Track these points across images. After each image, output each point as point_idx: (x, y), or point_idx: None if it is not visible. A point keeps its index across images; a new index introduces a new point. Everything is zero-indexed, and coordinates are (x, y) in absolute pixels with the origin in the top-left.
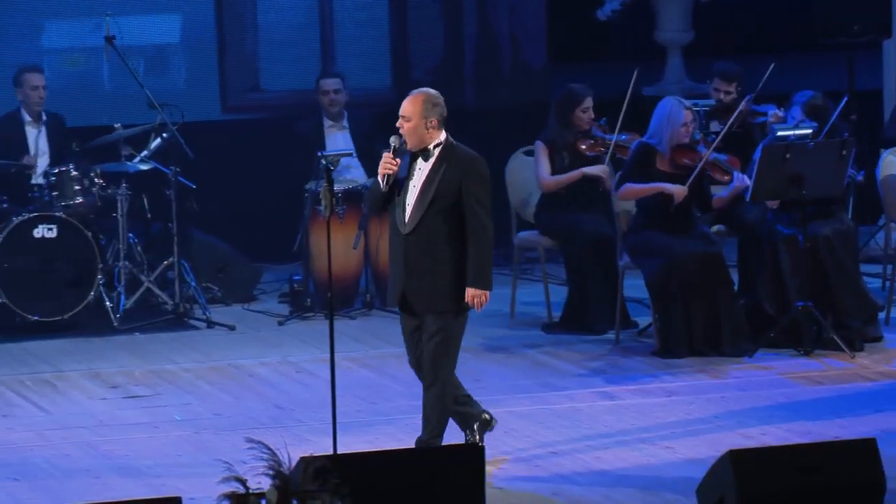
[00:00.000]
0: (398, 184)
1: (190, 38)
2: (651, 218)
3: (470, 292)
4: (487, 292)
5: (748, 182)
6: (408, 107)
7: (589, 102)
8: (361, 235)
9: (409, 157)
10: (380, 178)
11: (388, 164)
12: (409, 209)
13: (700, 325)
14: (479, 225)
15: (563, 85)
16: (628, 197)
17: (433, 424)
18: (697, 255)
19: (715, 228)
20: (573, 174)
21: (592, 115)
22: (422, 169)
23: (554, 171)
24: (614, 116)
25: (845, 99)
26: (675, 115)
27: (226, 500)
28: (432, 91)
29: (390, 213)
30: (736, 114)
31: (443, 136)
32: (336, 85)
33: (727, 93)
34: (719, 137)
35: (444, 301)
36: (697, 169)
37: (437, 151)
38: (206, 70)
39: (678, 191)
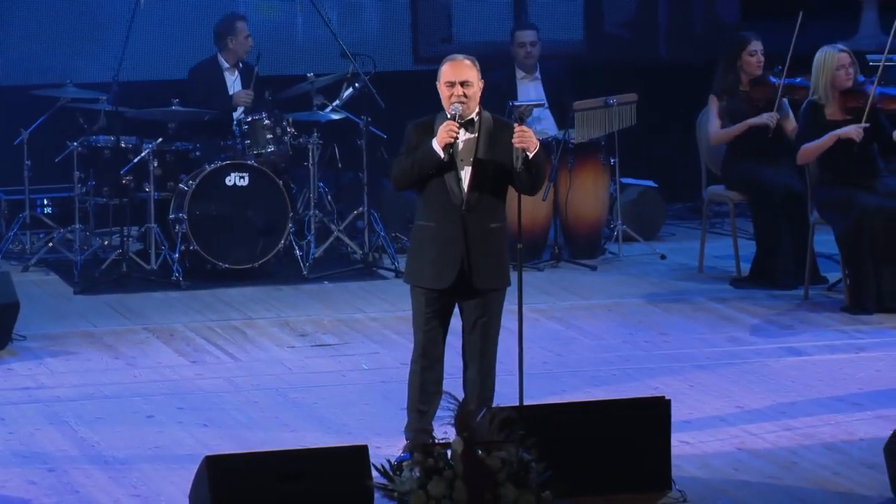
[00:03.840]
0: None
1: None
2: (839, 173)
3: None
4: (536, 143)
5: None
6: (466, 72)
7: (756, 46)
8: (550, 187)
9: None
10: (439, 148)
11: (453, 131)
12: (465, 185)
13: (890, 281)
14: None
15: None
16: (807, 157)
17: (491, 395)
18: (888, 209)
19: None
20: (739, 126)
21: (762, 60)
22: (467, 141)
23: (727, 116)
24: (807, 70)
25: None
26: (828, 60)
27: (412, 450)
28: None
29: (427, 193)
30: None
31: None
32: (532, 37)
33: None
34: (879, 71)
35: (504, 276)
36: (868, 106)
37: (477, 121)
38: (398, 20)
39: (853, 130)
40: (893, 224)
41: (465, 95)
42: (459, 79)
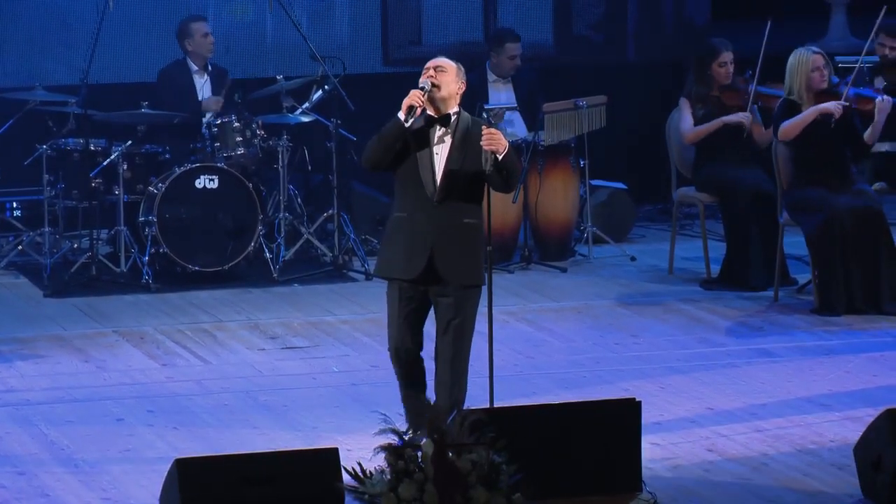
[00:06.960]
0: (412, 136)
1: None
2: (810, 174)
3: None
4: (505, 145)
5: (892, 100)
6: (443, 63)
7: (726, 57)
8: (520, 189)
9: (425, 124)
10: (402, 113)
11: (416, 97)
12: (438, 176)
13: (860, 283)
14: None
15: (704, 40)
16: (790, 133)
17: (462, 397)
18: (858, 211)
19: (876, 186)
20: (713, 123)
21: (731, 70)
22: (443, 136)
23: (696, 125)
24: (776, 73)
25: None
26: (803, 62)
27: (383, 452)
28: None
29: (403, 185)
30: None
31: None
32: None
33: (892, 48)
34: (854, 73)
35: (476, 273)
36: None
37: (455, 119)
38: (368, 22)
39: (835, 107)
40: (863, 225)
41: (435, 77)
42: (434, 64)
